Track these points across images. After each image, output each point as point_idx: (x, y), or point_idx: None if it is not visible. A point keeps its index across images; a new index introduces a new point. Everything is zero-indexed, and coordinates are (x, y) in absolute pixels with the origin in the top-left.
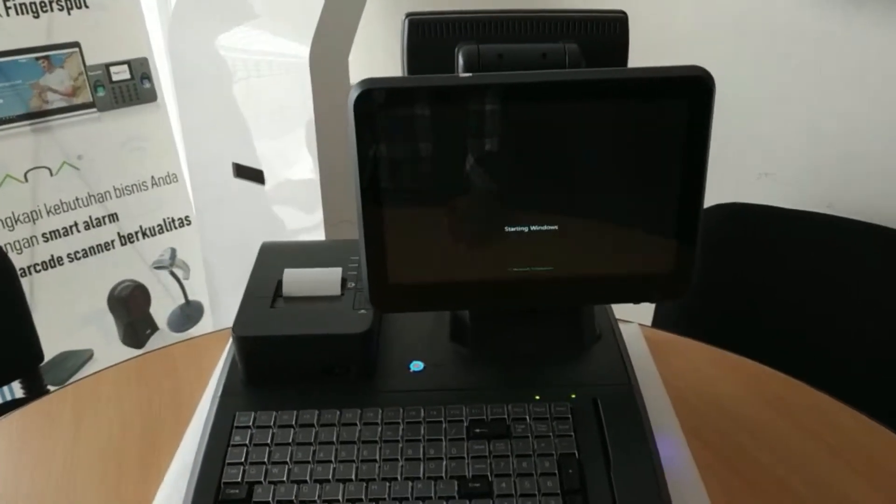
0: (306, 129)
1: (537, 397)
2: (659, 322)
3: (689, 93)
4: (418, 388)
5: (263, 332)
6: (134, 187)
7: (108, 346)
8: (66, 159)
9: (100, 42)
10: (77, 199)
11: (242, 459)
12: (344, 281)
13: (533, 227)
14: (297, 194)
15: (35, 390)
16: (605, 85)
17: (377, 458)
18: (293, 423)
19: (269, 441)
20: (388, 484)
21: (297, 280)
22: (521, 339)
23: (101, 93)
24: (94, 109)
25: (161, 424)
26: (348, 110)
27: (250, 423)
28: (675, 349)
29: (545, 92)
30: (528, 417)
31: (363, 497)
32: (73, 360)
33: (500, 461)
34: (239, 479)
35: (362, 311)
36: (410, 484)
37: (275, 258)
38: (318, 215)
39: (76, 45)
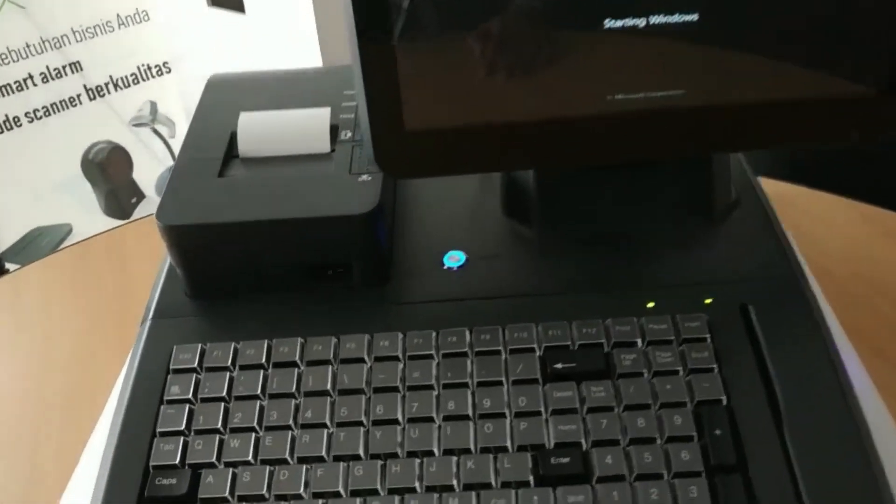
0: None
1: (650, 304)
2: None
3: None
4: (458, 296)
5: (207, 219)
6: (97, 29)
7: (88, 219)
8: None
9: None
10: (28, 46)
11: (183, 426)
12: (334, 129)
13: (654, 20)
14: (289, 28)
15: None
16: None
17: (399, 417)
18: (263, 360)
19: (224, 392)
20: (418, 462)
21: (260, 129)
22: (617, 212)
23: None
24: None
25: (97, 347)
26: None
27: (195, 364)
28: (805, 208)
29: None
30: (639, 341)
31: (378, 486)
32: (49, 237)
33: (599, 418)
34: (176, 461)
35: (365, 176)
36: (455, 461)
37: (227, 98)
38: (316, 51)
39: None
